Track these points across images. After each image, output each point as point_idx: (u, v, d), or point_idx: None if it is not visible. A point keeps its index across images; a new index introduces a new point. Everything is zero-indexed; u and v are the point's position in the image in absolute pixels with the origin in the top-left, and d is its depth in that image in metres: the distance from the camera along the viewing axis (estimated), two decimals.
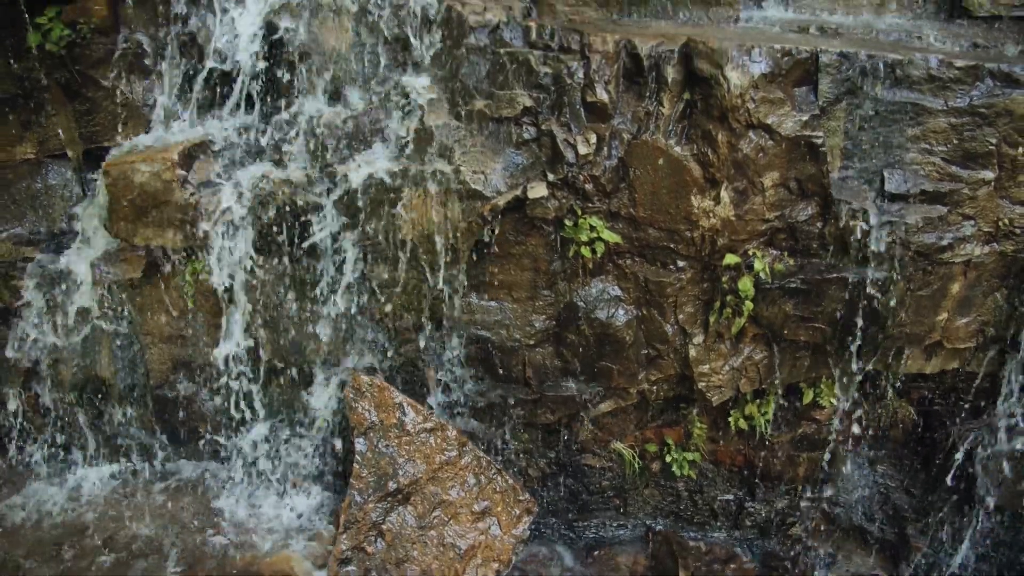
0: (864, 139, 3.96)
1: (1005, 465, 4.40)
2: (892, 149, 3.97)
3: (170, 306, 4.36)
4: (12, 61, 4.22)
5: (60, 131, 4.39)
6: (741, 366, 4.25)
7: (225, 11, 4.02)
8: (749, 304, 4.01)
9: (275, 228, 4.04)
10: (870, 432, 4.65)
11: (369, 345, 4.30)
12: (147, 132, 4.27)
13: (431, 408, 4.38)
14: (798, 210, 3.95)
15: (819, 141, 3.82)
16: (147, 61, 4.22)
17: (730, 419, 4.42)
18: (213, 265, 4.10)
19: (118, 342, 4.46)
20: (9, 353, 4.40)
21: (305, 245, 4.06)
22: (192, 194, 4.01)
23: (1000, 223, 4.05)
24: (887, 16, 4.52)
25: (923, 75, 3.87)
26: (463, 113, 3.92)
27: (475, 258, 4.11)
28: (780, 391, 4.36)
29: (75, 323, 4.37)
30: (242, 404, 4.43)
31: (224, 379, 4.35)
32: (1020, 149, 3.94)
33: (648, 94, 3.85)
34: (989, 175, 3.95)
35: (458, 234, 3.93)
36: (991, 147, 3.91)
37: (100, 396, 4.53)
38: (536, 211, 3.94)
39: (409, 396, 4.26)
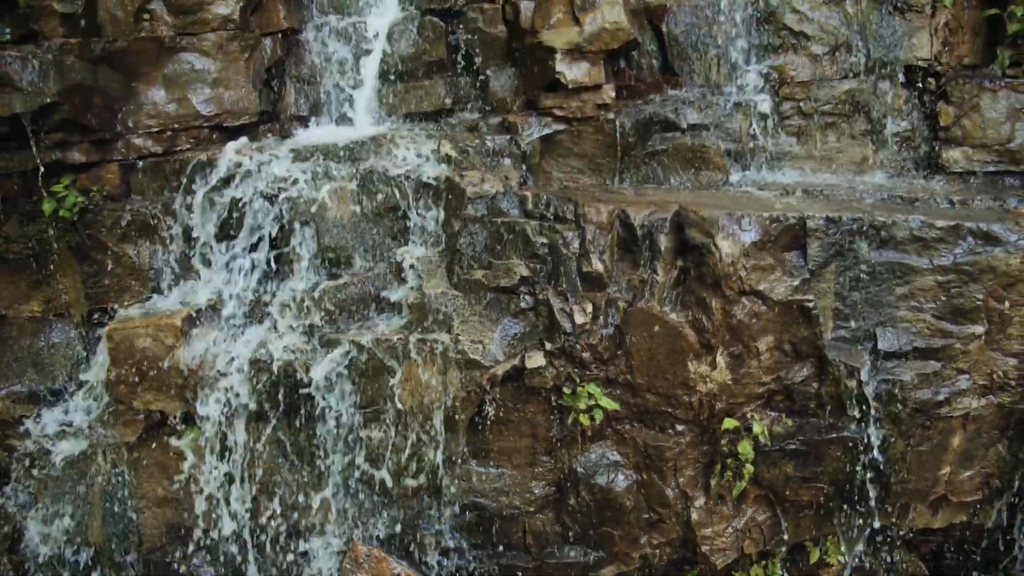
0: (855, 299, 4.04)
1: None
2: (883, 308, 4.05)
3: (167, 469, 4.32)
4: (25, 224, 4.35)
5: (67, 291, 4.48)
6: (744, 527, 4.18)
7: (230, 181, 4.19)
8: (749, 467, 3.98)
9: (273, 394, 4.05)
10: None
11: (367, 513, 4.23)
12: (151, 296, 4.37)
13: None
14: (794, 372, 3.99)
15: (811, 304, 3.90)
16: (154, 227, 4.36)
17: None
18: (210, 430, 4.09)
19: (111, 505, 4.39)
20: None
21: (303, 412, 4.07)
22: (193, 359, 4.04)
23: (994, 376, 4.08)
24: (868, 175, 4.72)
25: (907, 236, 4.00)
26: (461, 282, 4.02)
27: (474, 425, 4.11)
28: (785, 551, 4.27)
29: (69, 485, 4.31)
30: (238, 572, 4.31)
31: (220, 546, 4.25)
32: (1007, 303, 4.03)
33: (642, 262, 3.96)
34: (979, 329, 4.02)
35: (457, 403, 3.95)
36: (978, 302, 3.99)
37: (90, 561, 4.41)
38: (534, 380, 3.97)
39: (408, 565, 4.16)
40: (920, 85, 4.73)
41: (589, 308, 3.90)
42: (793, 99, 4.63)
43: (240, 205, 4.16)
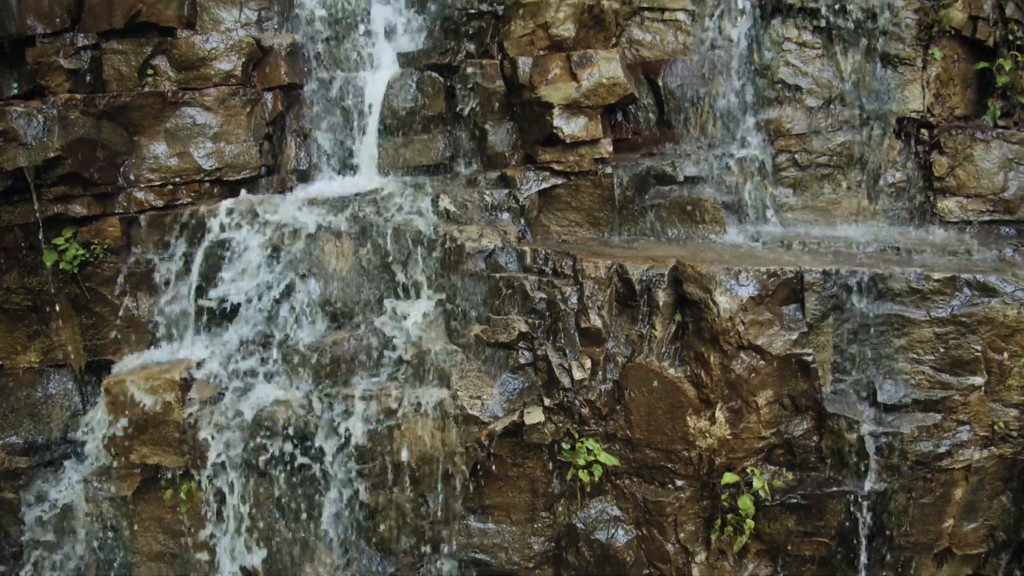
0: (853, 352, 4.05)
1: None
2: (881, 360, 4.05)
3: (163, 523, 4.28)
4: (25, 276, 4.37)
5: (65, 343, 4.48)
6: None
7: (230, 236, 4.22)
8: (750, 522, 3.95)
9: (273, 449, 4.03)
10: None
11: (366, 569, 4.18)
12: (151, 348, 4.37)
13: None
14: (793, 426, 3.98)
15: (809, 358, 3.90)
16: (155, 280, 4.38)
17: None
18: (208, 484, 4.07)
19: (106, 559, 4.34)
20: None
21: (301, 466, 4.05)
22: (191, 414, 4.03)
23: (995, 427, 4.07)
24: (864, 225, 4.75)
25: (904, 288, 4.01)
26: (460, 337, 4.03)
27: (473, 481, 4.09)
28: None
29: (63, 538, 4.27)
30: None
31: None
32: (1005, 354, 4.03)
33: (641, 317, 3.97)
34: (979, 380, 4.02)
35: (455, 458, 3.93)
36: (977, 353, 4.00)
37: None
38: (533, 436, 3.96)
39: None
40: (914, 136, 4.79)
41: (588, 364, 3.91)
42: (789, 151, 4.68)
43: (240, 259, 4.19)
